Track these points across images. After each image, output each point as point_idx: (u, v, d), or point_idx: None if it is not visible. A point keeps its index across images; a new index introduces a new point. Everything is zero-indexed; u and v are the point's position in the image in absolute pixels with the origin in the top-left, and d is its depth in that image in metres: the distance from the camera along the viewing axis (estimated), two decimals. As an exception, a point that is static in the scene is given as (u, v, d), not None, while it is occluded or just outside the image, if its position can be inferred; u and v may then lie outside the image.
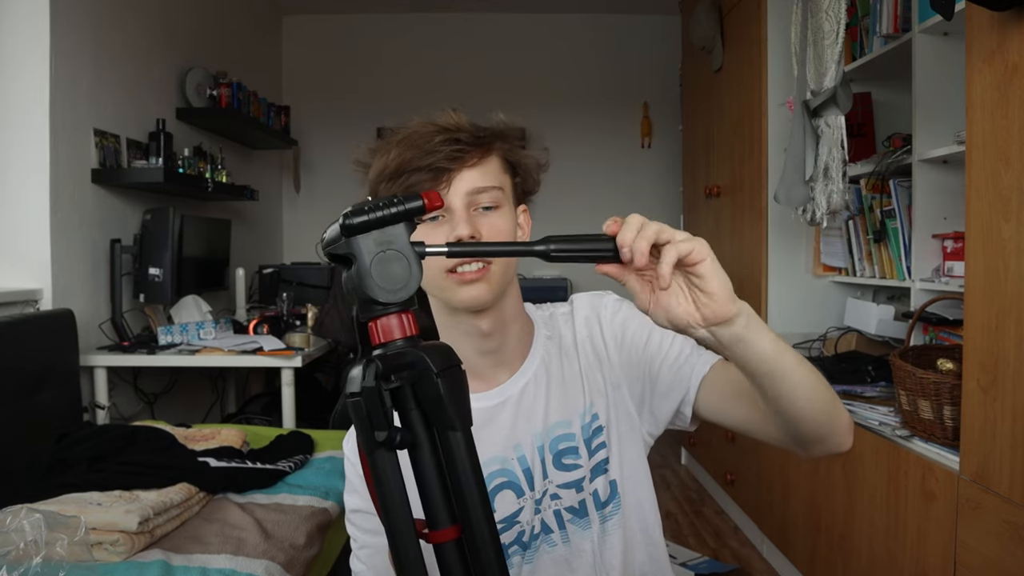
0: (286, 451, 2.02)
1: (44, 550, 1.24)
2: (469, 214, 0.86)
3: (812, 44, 2.13)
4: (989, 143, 1.38)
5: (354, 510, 0.97)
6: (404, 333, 0.59)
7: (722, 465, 3.01)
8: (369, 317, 0.60)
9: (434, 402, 0.58)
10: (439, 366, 0.57)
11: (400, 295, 0.58)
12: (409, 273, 0.58)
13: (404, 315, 0.60)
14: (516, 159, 0.93)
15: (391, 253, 0.58)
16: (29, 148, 2.37)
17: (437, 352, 0.59)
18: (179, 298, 2.88)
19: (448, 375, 0.58)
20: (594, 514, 0.95)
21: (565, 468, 0.95)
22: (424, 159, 0.85)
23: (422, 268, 0.59)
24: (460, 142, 0.86)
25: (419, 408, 0.59)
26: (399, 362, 0.58)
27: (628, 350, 0.97)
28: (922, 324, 1.95)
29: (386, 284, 0.58)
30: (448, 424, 0.58)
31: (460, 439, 0.58)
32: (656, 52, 4.75)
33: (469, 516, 0.58)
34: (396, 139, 0.88)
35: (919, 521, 1.59)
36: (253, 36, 4.37)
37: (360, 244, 0.58)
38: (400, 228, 0.59)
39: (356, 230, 0.58)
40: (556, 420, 0.95)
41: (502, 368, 0.96)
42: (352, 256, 0.58)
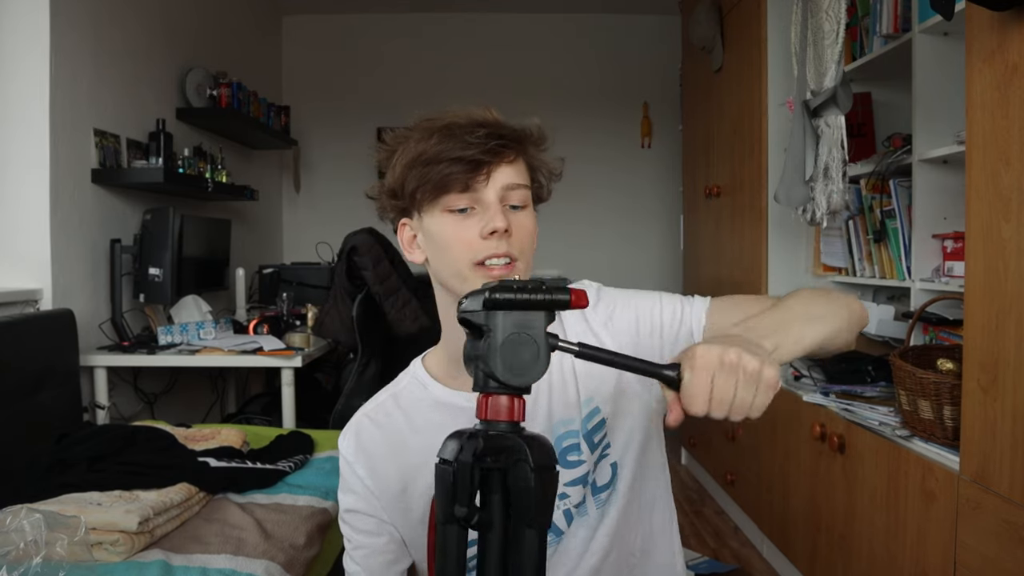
0: (286, 451, 2.02)
1: (44, 550, 1.24)
2: (503, 208, 0.87)
3: (812, 44, 2.13)
4: (989, 143, 1.38)
5: (349, 510, 0.96)
6: (512, 417, 0.59)
7: (722, 465, 3.01)
8: (483, 390, 0.60)
9: (522, 495, 0.58)
10: (538, 462, 0.58)
11: (523, 380, 0.58)
12: (537, 361, 0.58)
13: (516, 399, 0.60)
14: (537, 165, 0.94)
15: (525, 337, 0.58)
16: (29, 148, 2.37)
17: (539, 447, 0.59)
18: (179, 298, 2.88)
19: (543, 474, 0.58)
20: (591, 502, 0.96)
21: (571, 465, 0.95)
22: (465, 150, 0.85)
23: (550, 361, 0.59)
24: (502, 137, 0.87)
25: (502, 495, 0.59)
26: (500, 444, 0.58)
27: (621, 334, 0.97)
28: (922, 324, 1.95)
29: (513, 366, 0.58)
30: (527, 521, 0.58)
31: (534, 537, 0.58)
32: (656, 52, 4.74)
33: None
34: (436, 126, 0.88)
35: (919, 521, 1.59)
36: (253, 36, 4.36)
37: (497, 320, 0.58)
38: (540, 315, 0.59)
39: (499, 305, 0.58)
40: (559, 419, 0.96)
41: None
42: (487, 329, 0.59)
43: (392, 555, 0.96)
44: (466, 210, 0.87)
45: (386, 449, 0.96)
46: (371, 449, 0.96)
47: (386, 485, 0.95)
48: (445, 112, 0.90)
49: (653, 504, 1.00)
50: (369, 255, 2.62)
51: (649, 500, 0.99)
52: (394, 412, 0.98)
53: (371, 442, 0.96)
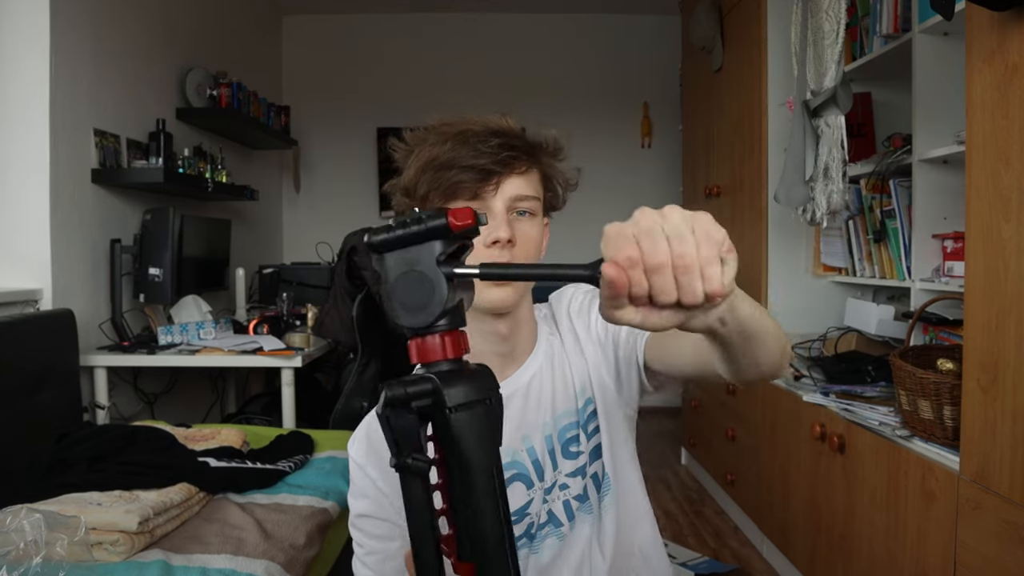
0: (286, 451, 2.02)
1: (44, 550, 1.24)
2: (508, 217, 0.87)
3: (812, 44, 2.13)
4: (989, 143, 1.38)
5: (360, 515, 0.96)
6: (443, 355, 0.55)
7: (722, 465, 3.01)
8: (411, 335, 0.56)
9: (448, 440, 0.54)
10: (456, 401, 0.53)
11: (420, 319, 0.55)
12: (433, 295, 0.54)
13: (446, 336, 0.55)
14: (551, 175, 0.95)
15: (414, 274, 0.55)
16: (29, 148, 2.37)
17: (461, 383, 0.54)
18: (179, 298, 2.88)
19: (467, 411, 0.54)
20: (594, 497, 0.97)
21: (572, 456, 0.97)
22: (478, 158, 0.86)
23: (452, 289, 0.55)
24: (514, 148, 0.87)
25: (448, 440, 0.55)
26: (419, 389, 0.55)
27: (597, 334, 1.00)
28: (922, 324, 1.95)
29: (407, 305, 0.55)
30: (463, 461, 0.54)
31: (479, 480, 0.54)
32: (656, 52, 4.75)
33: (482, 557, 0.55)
34: (451, 132, 0.88)
35: (919, 521, 1.59)
36: (253, 36, 4.37)
37: (386, 263, 0.56)
38: (430, 247, 0.55)
39: (380, 247, 0.56)
40: (562, 410, 0.97)
41: (510, 364, 0.98)
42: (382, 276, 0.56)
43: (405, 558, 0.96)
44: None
45: None
46: (382, 450, 0.96)
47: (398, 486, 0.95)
48: (463, 118, 0.91)
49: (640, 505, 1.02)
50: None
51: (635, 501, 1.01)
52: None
53: (382, 443, 0.96)
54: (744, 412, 2.73)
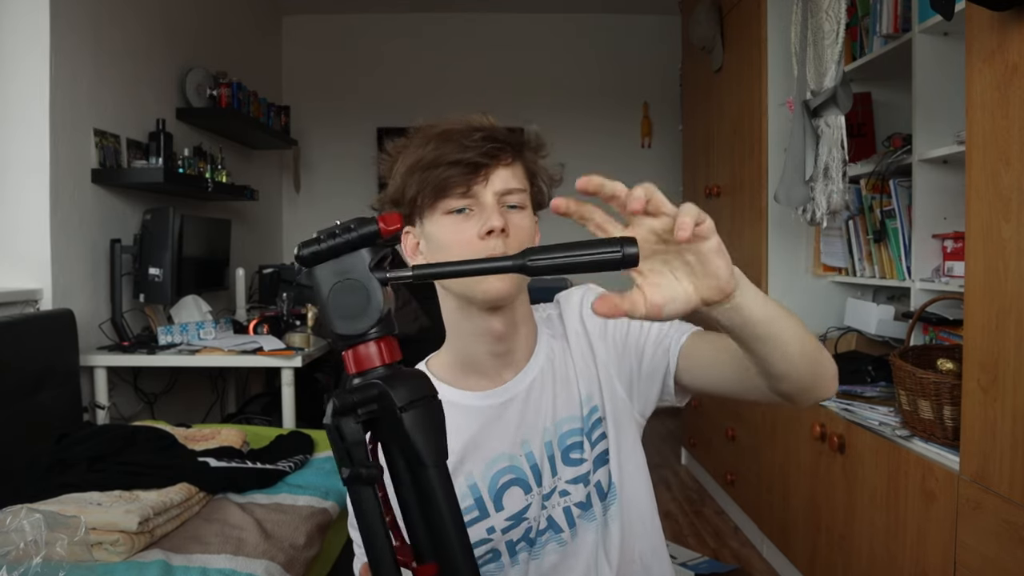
0: (286, 451, 2.02)
1: (44, 550, 1.24)
2: (500, 209, 0.87)
3: (812, 44, 2.13)
4: (989, 143, 1.38)
5: None
6: (380, 361, 0.56)
7: (722, 465, 3.01)
8: (343, 346, 0.57)
9: (400, 439, 0.55)
10: (403, 400, 0.54)
11: (357, 327, 0.55)
12: (368, 302, 0.55)
13: (380, 342, 0.56)
14: (535, 171, 0.94)
15: (348, 283, 0.55)
16: (29, 148, 2.37)
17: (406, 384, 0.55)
18: (179, 298, 2.88)
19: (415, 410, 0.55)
20: (598, 505, 0.96)
21: (573, 463, 0.96)
22: (463, 153, 0.86)
23: (386, 296, 0.56)
24: (499, 140, 0.88)
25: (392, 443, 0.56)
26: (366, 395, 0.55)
27: (612, 339, 0.98)
28: (922, 324, 1.95)
29: (342, 314, 0.55)
30: (418, 461, 0.55)
31: (433, 475, 0.55)
32: (656, 52, 4.75)
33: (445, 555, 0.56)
34: (433, 133, 0.89)
35: (919, 521, 1.59)
36: (253, 36, 4.37)
37: (317, 275, 0.56)
38: (360, 255, 0.55)
39: (308, 261, 0.55)
40: (564, 416, 0.96)
41: (509, 367, 0.96)
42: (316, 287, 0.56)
43: None
44: (464, 210, 0.87)
45: None
46: None
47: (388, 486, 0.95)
48: (443, 119, 0.91)
49: (646, 512, 1.00)
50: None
51: (641, 508, 1.00)
52: None
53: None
54: (744, 412, 2.73)
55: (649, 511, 1.01)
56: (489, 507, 0.94)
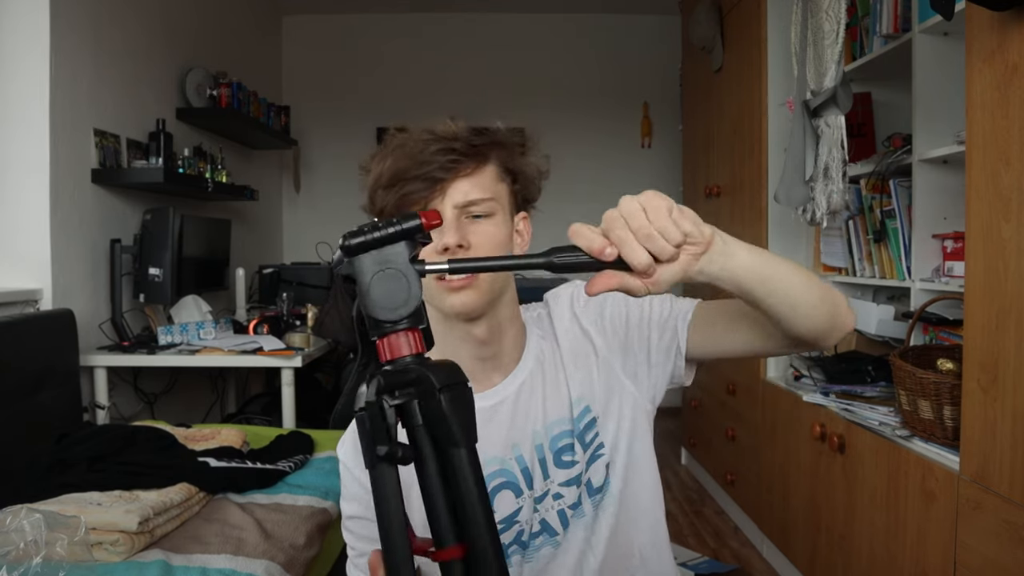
0: (286, 451, 2.02)
1: (44, 550, 1.24)
2: (459, 223, 0.86)
3: (812, 44, 2.13)
4: (989, 143, 1.38)
5: (351, 516, 0.96)
6: (411, 351, 0.60)
7: (722, 465, 3.01)
8: (377, 335, 0.61)
9: (437, 419, 0.58)
10: (442, 383, 0.58)
11: (399, 313, 0.59)
12: (408, 292, 0.59)
13: (411, 333, 0.60)
14: (516, 167, 0.93)
15: (390, 272, 0.59)
16: (29, 148, 2.37)
17: (442, 369, 0.59)
18: (179, 298, 2.88)
19: (451, 392, 0.58)
20: (587, 502, 0.96)
21: (565, 465, 0.95)
22: (419, 168, 0.85)
23: (422, 286, 0.60)
24: (455, 152, 0.86)
25: (426, 425, 0.59)
26: (404, 379, 0.59)
27: (611, 330, 0.97)
28: (922, 324, 1.95)
29: (385, 302, 0.59)
30: (451, 441, 0.58)
31: (464, 456, 0.58)
32: (656, 52, 4.75)
33: (473, 534, 0.58)
34: (394, 144, 0.89)
35: (919, 521, 1.59)
36: (253, 36, 4.37)
37: (360, 264, 0.59)
38: (400, 247, 0.59)
39: (355, 250, 0.59)
40: (554, 419, 0.96)
41: (497, 371, 0.96)
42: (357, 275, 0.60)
43: None
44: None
45: None
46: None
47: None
48: (409, 128, 0.91)
49: (647, 506, 1.00)
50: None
51: (643, 501, 0.99)
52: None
53: None
54: (744, 412, 2.73)
55: (652, 505, 1.00)
56: None
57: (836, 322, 0.82)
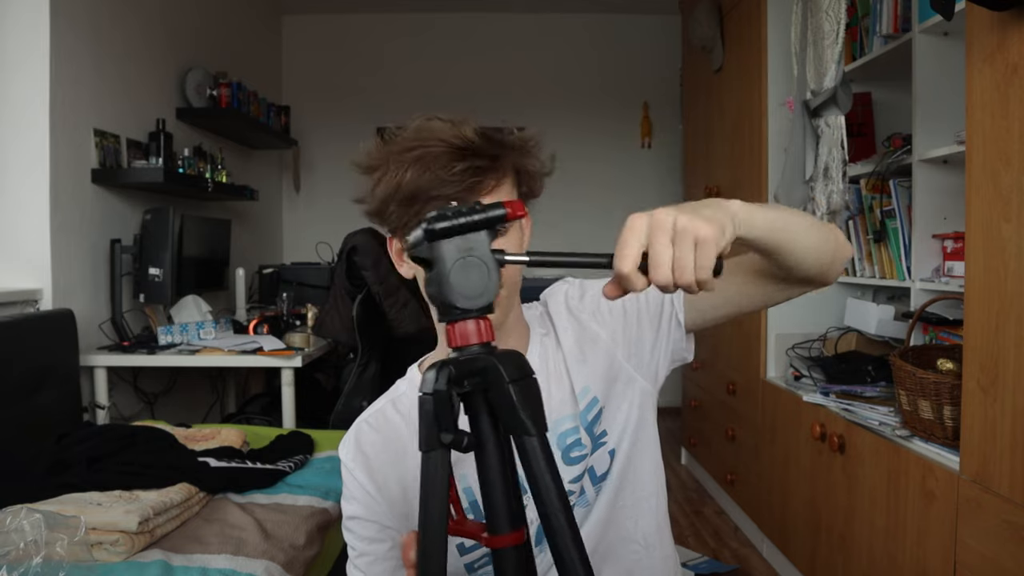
0: (286, 451, 2.02)
1: (44, 550, 1.24)
2: None
3: (812, 44, 2.13)
4: (989, 143, 1.38)
5: (352, 517, 0.96)
6: (480, 339, 0.60)
7: (722, 465, 3.01)
8: (447, 320, 0.61)
9: (508, 410, 0.59)
10: (511, 375, 0.59)
11: (478, 302, 0.59)
12: (488, 281, 0.59)
13: (481, 321, 0.61)
14: (523, 167, 0.92)
15: (472, 260, 0.59)
16: (29, 148, 2.37)
17: (511, 360, 0.60)
18: (179, 298, 2.88)
19: (521, 384, 0.59)
20: (590, 490, 0.96)
21: (574, 462, 0.95)
22: (443, 188, 0.83)
23: (501, 276, 0.60)
24: (480, 170, 0.84)
25: (489, 414, 0.60)
26: (472, 368, 0.60)
27: (610, 319, 0.98)
28: (922, 324, 1.95)
29: (465, 290, 0.59)
30: (524, 430, 0.59)
31: (536, 444, 0.59)
32: (656, 52, 4.75)
33: (550, 519, 0.59)
34: (411, 157, 0.84)
35: (919, 521, 1.59)
36: (253, 36, 4.37)
37: (443, 249, 0.59)
38: (483, 235, 0.59)
39: (439, 235, 0.59)
40: (560, 415, 0.96)
41: None
42: (434, 260, 0.59)
43: (395, 561, 0.96)
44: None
45: (385, 454, 0.96)
46: (370, 453, 0.96)
47: (386, 489, 0.95)
48: (418, 130, 0.87)
49: (649, 491, 1.00)
50: (369, 255, 2.61)
51: (646, 487, 0.99)
52: (393, 417, 0.98)
53: (370, 447, 0.97)
54: (744, 412, 2.73)
55: (655, 491, 1.00)
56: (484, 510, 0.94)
57: (838, 255, 0.87)
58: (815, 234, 0.82)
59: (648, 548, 0.99)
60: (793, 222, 0.79)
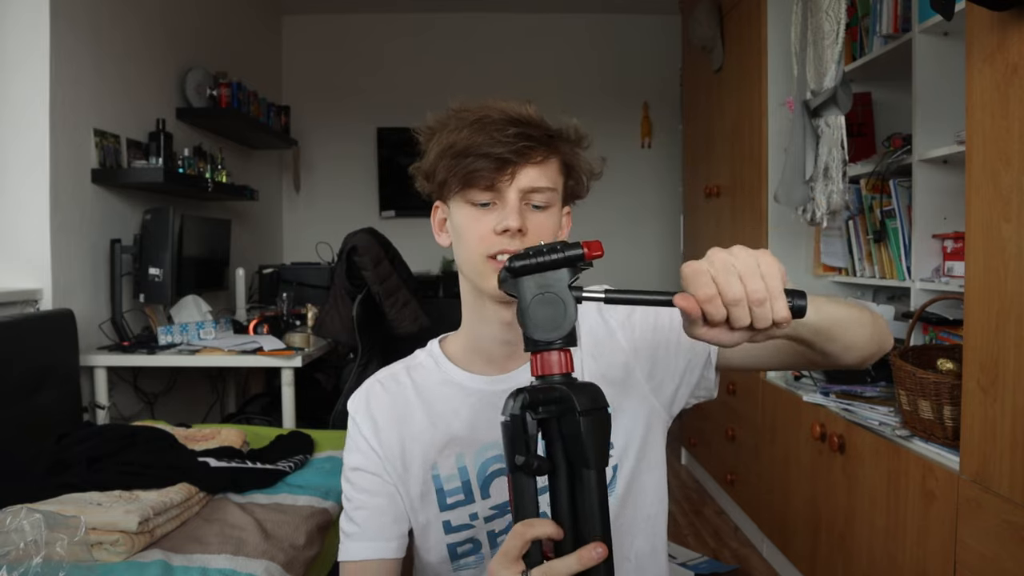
0: (286, 451, 2.02)
1: (44, 550, 1.24)
2: (521, 207, 0.87)
3: (812, 44, 2.13)
4: (989, 143, 1.38)
5: (354, 468, 0.98)
6: (560, 370, 0.64)
7: (722, 465, 3.01)
8: (529, 350, 0.65)
9: (574, 439, 0.62)
10: (584, 406, 0.61)
11: (553, 335, 0.63)
12: (565, 315, 0.63)
13: (563, 353, 0.64)
14: (574, 163, 0.94)
15: (549, 296, 0.63)
16: (29, 148, 2.37)
17: (585, 393, 0.63)
18: (179, 298, 2.88)
19: (591, 416, 0.61)
20: None
21: None
22: (493, 147, 0.85)
23: (578, 312, 0.64)
24: (531, 138, 0.87)
25: (563, 441, 0.63)
26: (549, 396, 0.63)
27: (638, 335, 0.97)
28: (922, 324, 1.95)
29: (542, 323, 0.63)
30: (583, 462, 0.62)
31: (592, 477, 0.62)
32: (656, 52, 4.75)
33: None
34: (470, 119, 0.88)
35: (919, 521, 1.59)
36: (253, 36, 4.37)
37: (523, 285, 0.64)
38: (562, 273, 0.64)
39: (520, 272, 0.64)
40: None
41: (516, 357, 0.96)
42: (517, 295, 0.64)
43: (391, 516, 0.97)
44: (488, 204, 0.88)
45: (391, 413, 0.98)
46: (376, 411, 0.99)
47: (388, 447, 0.97)
48: (484, 103, 0.90)
49: (649, 512, 0.99)
50: (369, 255, 2.62)
51: (645, 507, 0.99)
52: (405, 381, 1.01)
53: (378, 404, 0.99)
54: (744, 412, 2.73)
55: (656, 511, 1.00)
56: (475, 493, 0.95)
57: (882, 347, 0.88)
58: (864, 330, 0.83)
59: (640, 569, 0.99)
60: (846, 317, 0.80)
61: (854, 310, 0.83)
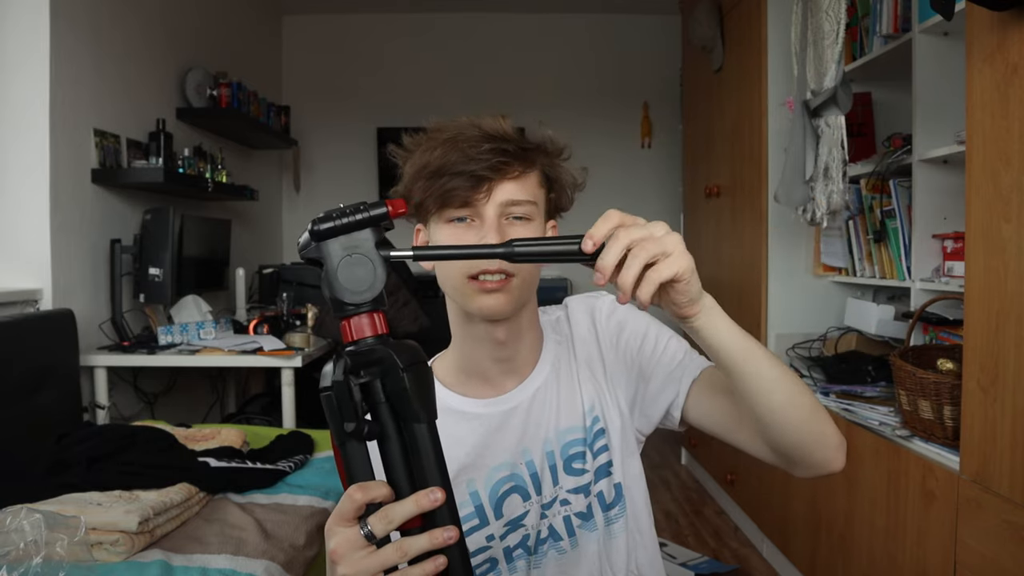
0: (286, 451, 2.02)
1: (44, 550, 1.24)
2: (500, 223, 0.86)
3: (812, 44, 2.13)
4: (989, 143, 1.38)
5: None
6: (374, 331, 0.62)
7: (722, 465, 3.01)
8: (341, 316, 0.63)
9: (400, 396, 0.61)
10: (405, 362, 0.61)
11: (364, 296, 0.62)
12: (374, 276, 0.62)
13: (375, 315, 0.63)
14: (555, 175, 0.93)
15: (356, 257, 0.62)
16: (29, 148, 2.37)
17: (404, 349, 0.62)
18: (179, 298, 2.88)
19: (413, 371, 0.61)
20: (600, 516, 0.95)
21: (575, 473, 0.95)
22: (467, 164, 0.84)
23: (387, 271, 0.62)
24: (507, 153, 0.85)
25: (388, 402, 0.62)
26: (368, 358, 0.62)
27: (623, 351, 0.97)
28: (922, 324, 1.95)
29: (351, 286, 0.61)
30: (413, 416, 0.61)
31: (424, 431, 0.61)
32: (656, 52, 4.75)
33: (433, 510, 0.61)
34: (442, 138, 0.87)
35: (919, 521, 1.59)
36: (253, 36, 4.37)
37: (328, 248, 0.62)
38: (367, 233, 0.62)
39: (323, 235, 0.62)
40: (567, 426, 0.95)
41: (512, 375, 0.96)
42: (322, 259, 0.62)
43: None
44: (466, 220, 0.86)
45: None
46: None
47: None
48: (458, 121, 0.89)
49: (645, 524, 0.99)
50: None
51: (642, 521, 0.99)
52: None
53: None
54: (744, 412, 2.73)
55: (647, 523, 1.00)
56: (489, 515, 0.94)
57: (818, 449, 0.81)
58: (796, 397, 0.78)
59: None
60: (771, 363, 0.77)
61: (796, 386, 0.78)
